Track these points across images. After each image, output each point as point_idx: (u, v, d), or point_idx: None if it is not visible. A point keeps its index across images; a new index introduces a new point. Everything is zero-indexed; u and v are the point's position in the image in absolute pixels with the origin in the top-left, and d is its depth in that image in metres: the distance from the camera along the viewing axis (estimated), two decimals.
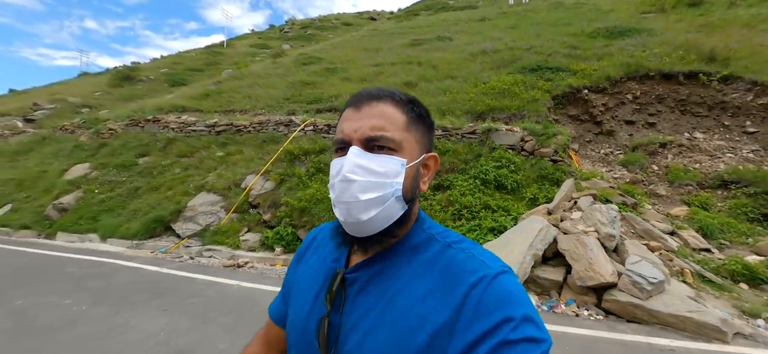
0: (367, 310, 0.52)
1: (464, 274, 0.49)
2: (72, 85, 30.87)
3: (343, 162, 0.51)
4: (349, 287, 0.55)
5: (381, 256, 0.54)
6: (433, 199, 6.02)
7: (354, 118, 0.53)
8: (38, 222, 8.47)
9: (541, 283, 3.93)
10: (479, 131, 6.95)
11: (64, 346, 2.58)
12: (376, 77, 12.42)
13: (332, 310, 0.54)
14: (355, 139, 0.52)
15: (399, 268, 0.53)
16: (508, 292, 0.47)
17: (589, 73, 9.15)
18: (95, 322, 2.94)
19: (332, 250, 0.61)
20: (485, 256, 0.52)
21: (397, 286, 0.51)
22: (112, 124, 11.70)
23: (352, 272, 0.55)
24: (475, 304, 0.46)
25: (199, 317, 3.08)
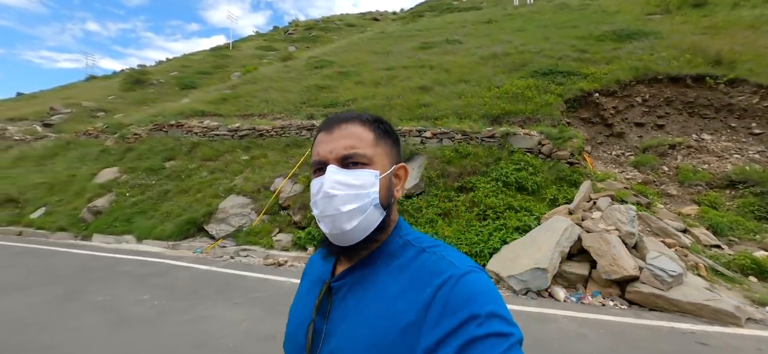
0: (347, 314, 0.55)
1: (433, 275, 0.51)
2: (83, 89, 31.34)
3: (323, 180, 0.55)
4: (335, 295, 0.59)
5: (361, 263, 0.58)
6: (457, 200, 6.40)
7: (327, 140, 0.58)
8: (74, 224, 8.88)
9: (567, 277, 4.29)
10: (498, 135, 7.32)
11: (165, 333, 2.95)
12: (389, 81, 12.78)
13: (318, 316, 0.58)
14: (331, 158, 0.56)
15: (376, 274, 0.56)
16: (475, 290, 0.48)
17: (600, 77, 9.49)
18: (179, 313, 3.31)
19: (325, 263, 0.66)
20: (455, 258, 0.54)
21: (374, 290, 0.54)
22: (136, 128, 12.11)
23: (337, 281, 0.60)
24: (442, 304, 0.48)
25: (268, 309, 3.45)
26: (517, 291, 4.15)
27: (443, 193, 6.61)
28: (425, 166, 7.20)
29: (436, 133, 7.85)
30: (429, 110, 9.61)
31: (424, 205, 6.51)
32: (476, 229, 5.55)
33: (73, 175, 10.91)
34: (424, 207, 6.48)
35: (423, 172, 7.09)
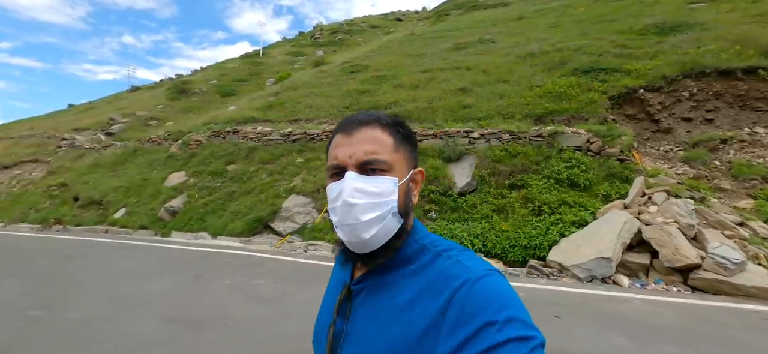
0: (365, 318, 0.55)
1: (449, 279, 0.50)
2: (131, 100, 33.78)
3: (342, 187, 0.53)
4: (354, 298, 0.58)
5: (379, 268, 0.57)
6: (510, 197, 6.81)
7: (346, 143, 0.55)
8: (154, 223, 9.99)
9: (629, 266, 4.65)
10: (545, 134, 7.64)
11: (296, 306, 3.60)
12: (427, 83, 13.24)
13: (338, 318, 0.59)
14: (350, 164, 0.54)
15: (393, 278, 0.55)
16: (491, 294, 0.47)
17: (644, 73, 9.53)
18: (298, 294, 3.97)
19: (345, 264, 0.65)
20: (471, 261, 0.52)
21: (391, 295, 0.54)
22: (195, 135, 13.25)
23: (356, 285, 0.59)
24: (458, 309, 0.47)
25: None
26: (581, 279, 4.55)
27: (496, 191, 7.04)
28: (476, 165, 7.65)
29: (484, 133, 8.26)
30: (472, 111, 10.01)
31: (478, 202, 6.97)
32: (533, 224, 5.95)
33: (145, 179, 12.15)
34: (478, 204, 6.94)
35: (474, 171, 7.54)
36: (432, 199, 7.40)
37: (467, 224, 6.54)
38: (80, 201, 12.85)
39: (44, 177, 17.78)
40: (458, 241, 6.17)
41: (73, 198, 13.46)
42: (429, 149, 8.56)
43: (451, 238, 6.26)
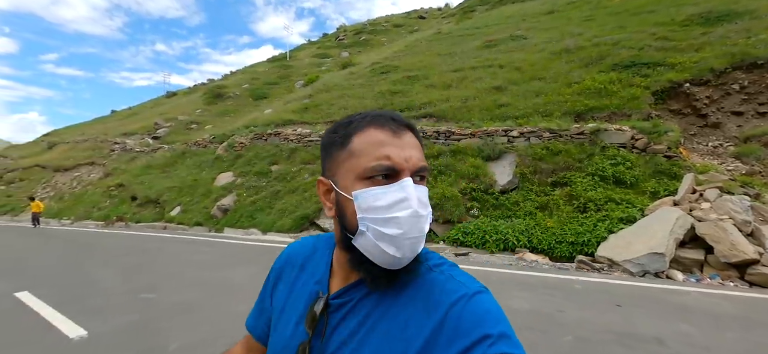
0: (350, 336, 0.51)
1: (444, 295, 0.49)
2: (170, 105, 35.82)
3: (408, 194, 0.47)
4: (332, 313, 0.53)
5: (364, 280, 0.52)
6: (553, 194, 6.95)
7: (398, 144, 0.49)
8: (208, 220, 10.80)
9: (682, 262, 4.73)
10: (587, 132, 7.68)
11: None
12: (460, 82, 13.39)
13: (314, 335, 0.53)
14: (407, 168, 0.48)
15: (382, 293, 0.51)
16: (486, 310, 0.47)
17: (689, 66, 9.29)
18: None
19: (312, 272, 0.59)
20: (463, 277, 0.52)
21: (381, 311, 0.51)
22: (238, 137, 14.07)
23: (335, 298, 0.54)
24: (454, 324, 0.46)
25: None
26: (633, 273, 4.69)
27: (538, 188, 7.18)
28: (517, 163, 7.81)
29: (524, 132, 8.39)
30: (508, 110, 10.11)
31: (521, 199, 7.14)
32: (579, 221, 6.08)
33: (195, 179, 13.07)
34: (520, 201, 7.12)
35: (515, 169, 7.70)
36: (473, 196, 7.63)
37: (511, 221, 6.74)
38: (138, 200, 13.99)
39: (101, 178, 19.35)
40: (503, 237, 6.40)
41: (130, 197, 14.66)
42: (467, 148, 8.78)
43: (496, 234, 6.49)
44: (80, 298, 3.98)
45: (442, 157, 8.71)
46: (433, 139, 9.56)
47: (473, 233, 6.75)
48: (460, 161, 8.47)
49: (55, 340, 2.93)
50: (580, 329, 2.87)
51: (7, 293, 4.21)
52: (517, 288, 4.05)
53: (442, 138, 9.44)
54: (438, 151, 8.90)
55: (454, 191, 7.72)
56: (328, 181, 0.52)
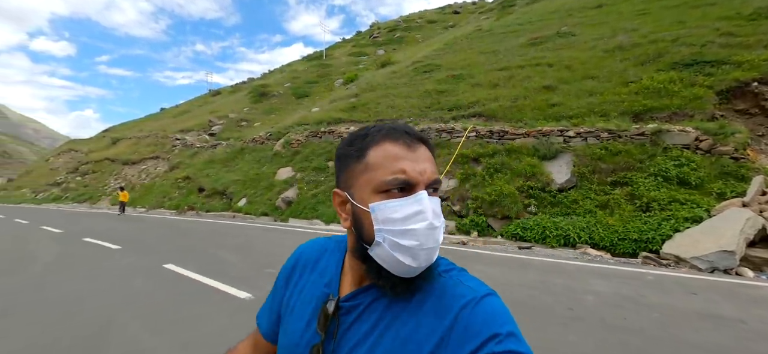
0: (362, 339, 0.52)
1: (454, 299, 0.50)
2: (218, 103, 38.21)
3: (423, 207, 0.49)
4: (344, 315, 0.55)
5: (377, 285, 0.54)
6: (612, 194, 7.19)
7: (412, 158, 0.51)
8: (273, 211, 11.87)
9: (752, 261, 4.93)
10: (648, 132, 7.80)
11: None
12: (507, 81, 13.58)
13: (326, 337, 0.54)
14: (422, 182, 0.50)
15: (393, 297, 0.53)
16: (494, 311, 0.49)
17: (758, 64, 9.02)
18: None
19: (322, 273, 0.61)
20: (472, 282, 0.53)
21: (392, 315, 0.52)
22: (294, 135, 15.14)
23: (347, 300, 0.55)
24: (464, 326, 0.48)
25: (517, 268, 4.94)
26: (701, 269, 4.95)
27: (598, 187, 7.44)
28: (575, 162, 8.08)
29: (581, 132, 8.61)
30: (561, 109, 10.28)
31: (580, 198, 7.44)
32: (642, 219, 6.33)
33: (257, 173, 14.28)
34: (579, 199, 7.42)
35: (573, 169, 7.98)
36: (530, 194, 8.01)
37: (571, 218, 7.07)
38: (205, 191, 15.47)
39: (167, 171, 21.35)
40: (564, 232, 6.76)
41: (198, 189, 16.21)
42: (522, 147, 9.11)
43: (556, 230, 6.86)
44: (219, 270, 4.89)
45: (497, 156, 9.11)
46: (486, 138, 9.96)
47: (533, 229, 7.16)
48: (516, 160, 8.84)
49: (228, 299, 3.78)
50: (664, 309, 3.31)
51: (158, 265, 5.23)
52: (592, 276, 4.49)
53: (496, 137, 9.81)
54: (493, 150, 9.31)
55: (511, 188, 8.13)
56: (344, 193, 0.54)
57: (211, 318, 3.27)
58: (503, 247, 6.90)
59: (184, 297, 3.88)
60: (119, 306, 3.58)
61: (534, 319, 3.09)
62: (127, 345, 2.73)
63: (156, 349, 2.66)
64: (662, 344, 2.65)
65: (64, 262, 5.77)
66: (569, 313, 3.26)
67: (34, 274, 4.97)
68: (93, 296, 3.92)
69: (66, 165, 37.33)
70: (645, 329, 2.91)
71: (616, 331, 2.87)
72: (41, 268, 5.25)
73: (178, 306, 3.60)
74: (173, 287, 4.25)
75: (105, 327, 3.05)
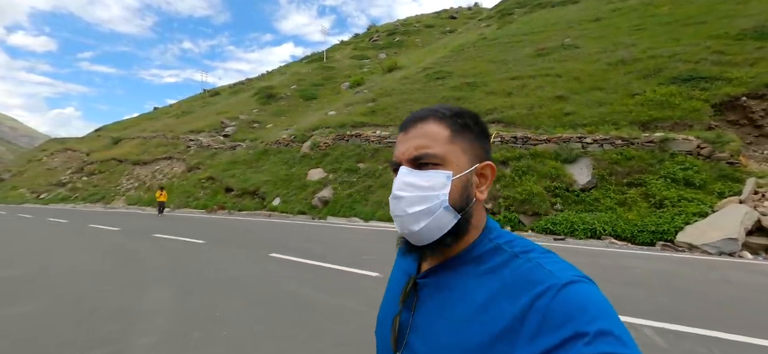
0: (434, 313, 0.56)
1: (529, 285, 0.48)
2: (222, 104, 38.50)
3: (396, 181, 0.57)
4: (421, 291, 0.59)
5: (447, 264, 0.57)
6: (629, 193, 8.39)
7: (402, 140, 0.58)
8: (310, 209, 12.74)
9: (750, 246, 6.16)
10: (656, 140, 9.06)
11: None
12: (520, 90, 14.78)
13: (404, 309, 0.60)
14: (404, 159, 0.57)
15: (462, 277, 0.55)
16: (580, 303, 0.44)
17: (746, 81, 10.40)
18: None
19: (410, 259, 0.64)
20: (554, 266, 0.50)
21: (460, 294, 0.53)
22: (320, 137, 16.01)
23: (422, 278, 0.60)
24: (540, 317, 0.44)
25: (564, 255, 6.02)
26: (711, 254, 6.16)
27: (616, 188, 8.65)
28: (594, 165, 9.28)
29: (597, 139, 9.82)
30: (575, 118, 11.50)
31: (601, 196, 8.63)
32: (657, 214, 7.54)
33: (287, 174, 15.10)
34: (600, 198, 8.61)
35: (593, 171, 9.18)
36: (556, 193, 9.17)
37: (595, 214, 8.25)
38: (234, 191, 16.19)
39: (185, 171, 21.86)
40: (589, 227, 7.93)
41: (225, 189, 16.91)
42: (545, 152, 10.28)
43: (583, 224, 8.02)
44: (323, 257, 5.82)
45: (523, 160, 10.25)
46: (510, 143, 11.10)
47: (561, 223, 8.30)
48: (540, 163, 10.00)
49: (362, 277, 4.74)
50: (696, 277, 4.44)
51: (266, 255, 6.13)
52: (630, 258, 5.63)
53: (520, 143, 10.97)
54: (519, 154, 10.45)
55: (539, 188, 9.28)
56: None
57: (366, 289, 4.23)
58: (538, 239, 8.02)
59: (327, 277, 4.81)
60: (289, 283, 4.50)
61: (604, 281, 4.17)
62: (330, 309, 3.68)
63: (353, 308, 3.63)
64: (703, 297, 3.77)
65: (179, 257, 6.60)
66: (628, 279, 4.37)
67: (193, 272, 5.80)
68: (259, 278, 4.82)
69: (64, 165, 37.07)
70: (687, 289, 4.03)
71: (667, 290, 3.98)
72: (191, 266, 6.08)
73: (330, 281, 4.54)
74: (308, 270, 5.15)
75: (302, 297, 3.99)
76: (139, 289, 4.29)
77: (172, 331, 3.08)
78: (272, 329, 3.10)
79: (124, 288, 4.33)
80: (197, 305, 3.68)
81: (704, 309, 3.37)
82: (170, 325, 3.19)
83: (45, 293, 4.19)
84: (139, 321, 3.26)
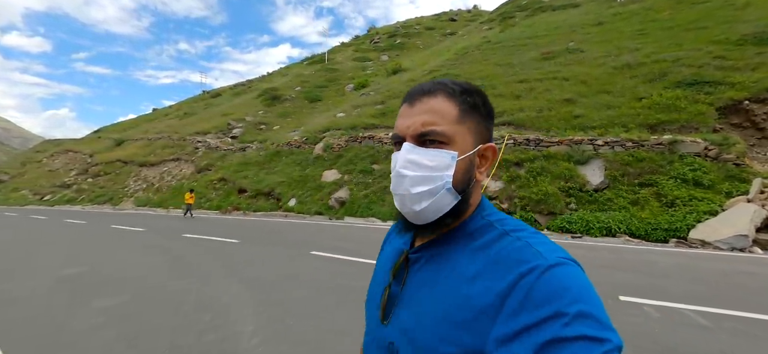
0: (421, 286, 0.57)
1: (516, 263, 0.48)
2: (227, 105, 38.63)
3: (398, 157, 0.55)
4: (412, 265, 0.60)
5: (440, 239, 0.58)
6: (641, 193, 8.82)
7: (407, 114, 0.56)
8: (327, 210, 13.06)
9: (760, 242, 6.59)
10: (665, 142, 9.50)
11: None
12: (528, 93, 15.21)
13: (394, 281, 0.61)
14: (408, 135, 0.55)
15: (454, 251, 0.55)
16: (564, 284, 0.44)
17: (748, 85, 10.89)
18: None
19: (405, 235, 0.66)
20: (543, 246, 0.50)
21: (450, 268, 0.54)
22: (333, 139, 16.33)
23: (415, 252, 0.61)
24: (523, 294, 0.45)
25: (587, 251, 6.40)
26: (723, 249, 6.59)
27: (628, 188, 9.07)
28: (606, 167, 9.70)
29: (608, 141, 10.25)
30: (584, 120, 11.94)
31: (613, 196, 9.05)
32: (669, 213, 7.97)
33: (300, 175, 15.40)
34: (613, 197, 9.03)
35: (606, 172, 9.60)
36: (570, 193, 9.58)
37: (609, 213, 8.67)
38: (248, 192, 16.46)
39: (194, 173, 22.06)
40: (605, 225, 8.33)
41: (237, 190, 17.17)
42: (557, 154, 10.69)
43: (597, 223, 8.43)
44: (359, 252, 6.16)
45: (537, 161, 10.66)
46: (523, 145, 11.51)
47: (577, 222, 8.71)
48: (553, 165, 10.41)
49: None
50: (719, 270, 4.85)
51: (307, 252, 6.46)
52: (650, 254, 6.03)
53: (532, 145, 11.38)
54: (533, 156, 10.86)
55: (554, 189, 9.69)
56: None
57: None
58: (555, 238, 8.41)
59: (370, 270, 5.15)
60: (342, 277, 4.84)
61: (634, 272, 4.56)
62: None
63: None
64: (732, 285, 4.17)
65: (224, 255, 6.90)
66: (656, 271, 4.76)
67: (247, 268, 6.11)
68: (314, 272, 5.15)
69: (66, 166, 37.04)
70: (714, 278, 4.44)
71: (697, 280, 4.38)
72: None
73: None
74: (350, 265, 5.47)
75: (359, 289, 4.33)
76: (207, 283, 4.60)
77: (264, 318, 3.40)
78: (349, 314, 3.44)
79: (192, 283, 4.64)
80: (272, 298, 4.00)
81: (736, 295, 3.77)
82: (258, 314, 3.52)
83: (122, 287, 4.49)
84: (227, 311, 3.58)
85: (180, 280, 4.77)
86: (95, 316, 3.50)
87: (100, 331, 3.17)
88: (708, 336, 2.83)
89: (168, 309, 3.66)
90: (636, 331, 2.92)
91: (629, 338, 2.78)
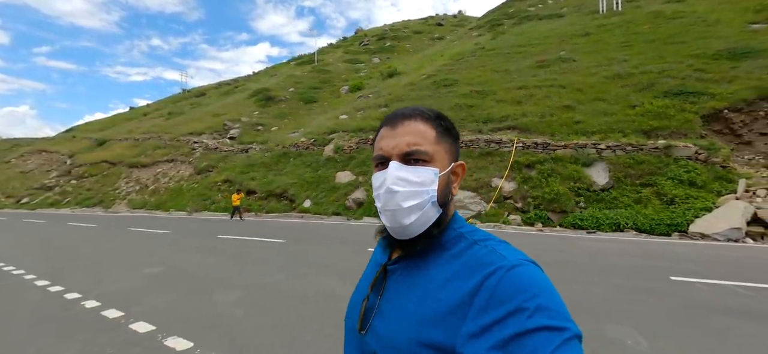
0: (398, 295, 0.60)
1: (482, 266, 0.53)
2: (218, 105, 37.88)
3: (386, 175, 0.59)
4: (389, 277, 0.64)
5: (416, 252, 0.62)
6: (643, 192, 9.86)
7: (391, 135, 0.61)
8: (344, 211, 13.47)
9: (750, 234, 7.68)
10: (660, 147, 10.62)
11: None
12: (528, 99, 16.21)
13: (372, 293, 0.65)
14: (394, 154, 0.59)
15: (429, 261, 0.60)
16: (525, 282, 0.49)
17: (727, 96, 12.26)
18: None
19: (383, 251, 0.70)
20: (507, 251, 0.55)
21: (425, 276, 0.59)
22: (340, 141, 16.72)
23: (392, 265, 0.65)
24: (488, 293, 0.50)
25: (611, 244, 7.23)
26: (720, 240, 7.62)
27: (631, 188, 10.09)
28: (610, 168, 10.71)
29: (610, 145, 11.29)
30: (584, 126, 12.99)
31: (618, 195, 10.04)
32: (670, 210, 9.01)
33: (313, 177, 15.70)
34: (618, 196, 10.02)
35: (610, 174, 10.61)
36: (579, 193, 10.51)
37: (615, 210, 9.63)
38: (257, 194, 16.56)
39: (192, 174, 21.73)
40: (613, 221, 9.28)
41: (245, 192, 17.20)
42: (564, 156, 11.65)
43: (606, 220, 9.37)
44: None
45: (547, 163, 11.57)
46: (531, 148, 12.41)
47: (587, 219, 9.62)
48: (561, 167, 11.34)
49: None
50: (720, 259, 5.76)
51: (363, 249, 6.91)
52: (664, 245, 6.93)
53: (540, 148, 12.29)
54: (542, 158, 11.76)
55: (564, 189, 10.59)
56: None
57: None
58: (568, 234, 9.28)
59: None
60: None
61: (664, 260, 5.37)
62: None
63: None
64: (747, 266, 5.04)
65: (283, 254, 7.23)
66: (678, 258, 5.60)
67: (316, 265, 6.45)
68: None
69: (41, 167, 35.27)
70: (729, 262, 5.31)
71: (717, 263, 5.24)
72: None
73: None
74: None
75: None
76: (294, 278, 5.00)
77: None
78: None
79: (282, 278, 5.03)
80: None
81: (756, 274, 4.61)
82: None
83: (225, 284, 4.81)
84: (336, 301, 4.04)
85: (264, 277, 5.11)
86: (231, 309, 3.88)
87: (252, 319, 3.55)
88: (750, 302, 3.60)
89: (285, 304, 4.04)
90: (694, 303, 3.65)
91: (692, 307, 3.50)
